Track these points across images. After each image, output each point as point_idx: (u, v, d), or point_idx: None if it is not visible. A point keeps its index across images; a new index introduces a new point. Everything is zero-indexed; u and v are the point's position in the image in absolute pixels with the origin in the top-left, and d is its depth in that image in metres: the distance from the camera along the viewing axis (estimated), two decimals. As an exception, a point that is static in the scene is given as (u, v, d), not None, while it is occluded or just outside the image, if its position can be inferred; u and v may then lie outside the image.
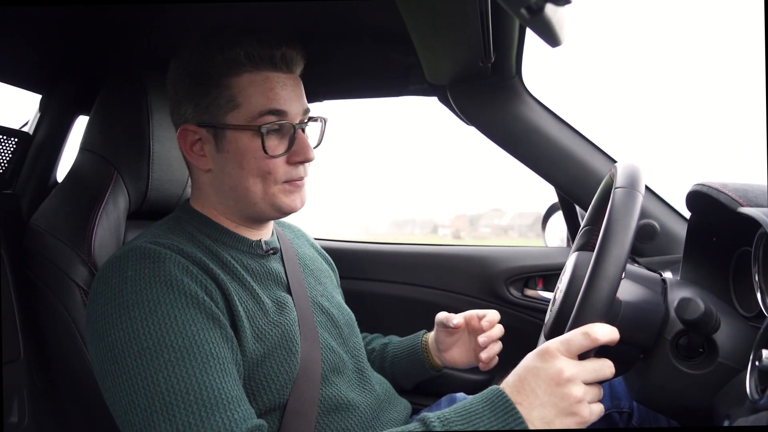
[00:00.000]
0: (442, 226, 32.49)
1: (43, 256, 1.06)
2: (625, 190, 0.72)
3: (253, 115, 0.85)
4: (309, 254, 1.10)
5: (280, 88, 0.86)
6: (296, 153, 0.87)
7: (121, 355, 0.71)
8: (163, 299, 0.74)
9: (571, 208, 1.44)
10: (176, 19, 1.05)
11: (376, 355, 1.18)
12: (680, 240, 1.21)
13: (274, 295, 0.90)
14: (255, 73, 0.85)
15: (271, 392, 0.82)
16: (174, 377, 0.69)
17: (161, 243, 0.81)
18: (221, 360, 0.73)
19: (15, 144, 1.22)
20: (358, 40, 1.15)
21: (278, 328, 0.85)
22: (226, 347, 0.76)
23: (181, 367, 0.70)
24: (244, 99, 0.85)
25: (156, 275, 0.76)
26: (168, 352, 0.71)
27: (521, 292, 1.45)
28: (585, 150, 1.31)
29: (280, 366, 0.83)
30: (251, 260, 0.91)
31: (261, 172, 0.86)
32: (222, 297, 0.80)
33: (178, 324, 0.73)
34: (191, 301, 0.75)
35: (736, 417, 0.66)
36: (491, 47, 1.03)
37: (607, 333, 0.66)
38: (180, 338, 0.72)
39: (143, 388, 0.69)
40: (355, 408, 0.91)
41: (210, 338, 0.74)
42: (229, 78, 0.85)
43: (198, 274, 0.79)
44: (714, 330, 0.73)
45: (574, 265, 0.83)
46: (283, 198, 0.88)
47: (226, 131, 0.86)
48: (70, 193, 1.12)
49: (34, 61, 1.19)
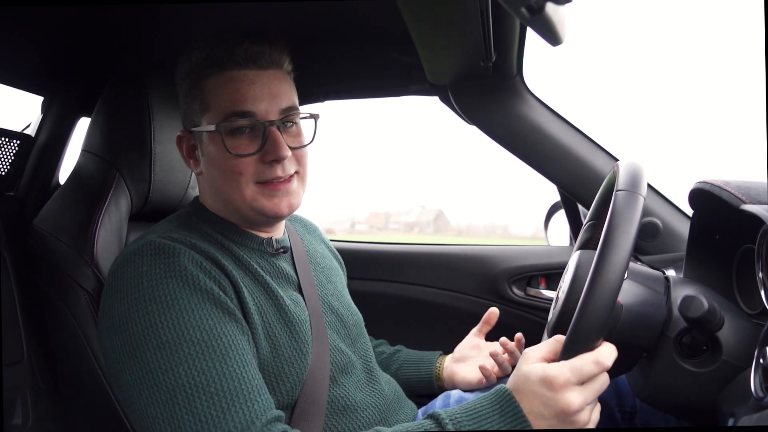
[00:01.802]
0: (358, 223, 33.45)
1: (45, 258, 1.07)
2: (627, 193, 0.72)
3: (220, 118, 0.84)
4: (320, 251, 1.10)
5: (246, 87, 0.84)
6: (268, 152, 0.84)
7: (140, 349, 0.72)
8: (179, 294, 0.75)
9: (573, 207, 1.44)
10: (177, 21, 1.05)
11: (385, 357, 1.19)
12: (683, 238, 1.21)
13: (287, 292, 0.90)
14: (220, 74, 0.85)
15: (280, 393, 0.82)
16: (195, 370, 0.71)
17: (174, 238, 0.81)
18: (240, 351, 0.74)
19: (17, 146, 1.22)
20: (359, 40, 1.15)
21: (289, 327, 0.86)
22: (244, 339, 0.77)
23: (201, 359, 0.71)
24: (211, 101, 0.86)
25: (171, 270, 0.76)
26: (187, 345, 0.72)
27: (524, 291, 1.45)
28: (587, 148, 1.31)
29: (291, 366, 0.83)
30: (261, 258, 0.91)
31: (232, 173, 0.85)
32: (234, 292, 0.81)
33: (195, 318, 0.74)
34: (206, 296, 0.76)
35: (741, 415, 0.66)
36: (492, 47, 1.03)
37: (614, 355, 0.68)
38: (198, 331, 0.73)
39: (164, 381, 0.70)
40: (363, 409, 0.91)
41: (227, 331, 0.75)
42: (200, 82, 0.86)
43: (211, 269, 0.79)
44: (717, 328, 0.73)
45: (576, 263, 0.83)
46: (264, 202, 0.86)
47: (202, 135, 0.88)
48: (72, 195, 1.12)
49: (35, 64, 1.19)
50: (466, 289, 1.48)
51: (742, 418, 0.65)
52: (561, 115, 1.33)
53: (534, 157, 1.33)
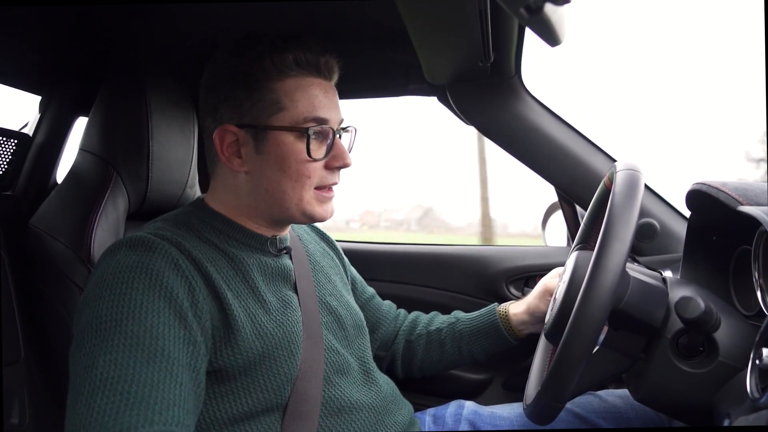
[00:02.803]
0: (352, 221, 34.15)
1: (43, 257, 1.06)
2: (624, 194, 0.72)
3: (297, 120, 0.86)
4: (320, 250, 1.10)
5: (323, 95, 0.89)
6: (335, 158, 0.89)
7: (84, 333, 0.71)
8: (136, 285, 0.73)
9: (570, 208, 1.44)
10: (176, 20, 1.04)
11: (446, 334, 1.17)
12: (680, 239, 1.21)
13: (279, 293, 0.90)
14: (301, 78, 0.87)
15: (267, 391, 0.82)
16: (113, 363, 0.68)
17: (161, 234, 0.81)
18: (170, 360, 0.70)
19: (15, 145, 1.22)
20: (357, 40, 1.15)
21: (280, 327, 0.85)
22: (184, 350, 0.73)
23: (125, 354, 0.68)
24: (289, 102, 0.86)
25: (139, 263, 0.75)
26: (120, 336, 0.69)
27: (521, 292, 1.45)
28: (585, 149, 1.31)
29: (279, 366, 0.83)
30: (263, 257, 0.91)
31: (299, 176, 0.87)
32: (210, 295, 0.79)
33: (141, 312, 0.71)
34: (164, 294, 0.74)
35: (737, 416, 0.66)
36: (490, 47, 1.03)
37: None
38: (137, 326, 0.70)
39: (84, 368, 0.68)
40: (359, 410, 0.90)
41: (168, 335, 0.72)
42: (275, 81, 0.86)
43: (186, 268, 0.78)
44: (714, 329, 0.73)
45: (574, 264, 0.83)
46: (316, 207, 0.89)
47: (267, 133, 0.86)
48: (69, 195, 1.12)
49: (33, 63, 1.19)
50: (464, 289, 1.48)
51: (738, 419, 0.65)
52: (559, 116, 1.33)
53: (532, 157, 1.33)
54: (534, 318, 1.11)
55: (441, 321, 1.20)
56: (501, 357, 1.21)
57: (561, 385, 0.70)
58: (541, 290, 1.10)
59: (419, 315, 1.25)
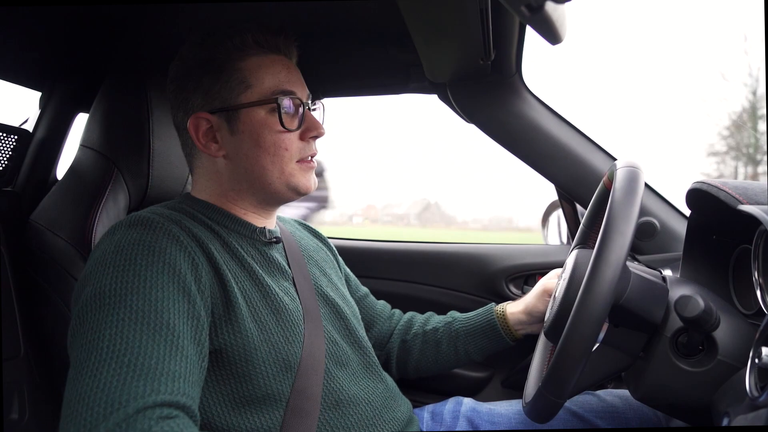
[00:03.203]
0: (356, 215, 34.57)
1: (43, 253, 1.06)
2: (624, 192, 0.72)
3: (266, 94, 0.88)
4: (312, 245, 1.10)
5: (287, 72, 0.91)
6: (309, 129, 0.91)
7: (85, 309, 0.71)
8: (139, 260, 0.73)
9: (570, 206, 1.44)
10: (176, 18, 1.05)
11: (442, 333, 1.17)
12: (680, 238, 1.21)
13: (277, 282, 0.90)
14: (262, 56, 0.90)
15: (267, 378, 0.81)
16: (119, 336, 0.68)
17: (159, 213, 0.82)
18: (176, 333, 0.71)
19: (15, 141, 1.22)
20: (358, 38, 1.15)
21: (277, 314, 0.85)
22: (188, 323, 0.73)
23: (130, 328, 0.68)
24: (255, 80, 0.88)
25: (141, 240, 0.76)
26: (124, 310, 0.69)
27: (521, 290, 1.45)
28: (585, 148, 1.31)
29: (279, 352, 0.83)
30: (251, 247, 0.91)
31: (277, 149, 0.88)
32: (211, 271, 0.79)
33: (144, 286, 0.72)
34: (167, 269, 0.74)
35: (736, 414, 0.66)
36: (491, 45, 1.03)
37: None
38: (140, 300, 0.70)
39: (88, 342, 0.68)
40: (357, 405, 0.90)
41: (172, 309, 0.72)
42: (237, 62, 0.88)
43: (188, 244, 0.78)
44: (713, 328, 0.73)
45: (574, 262, 0.83)
46: (300, 178, 0.91)
47: (240, 112, 0.88)
48: (70, 190, 1.12)
49: (34, 59, 1.19)
50: (463, 287, 1.49)
51: (737, 418, 0.65)
52: (560, 114, 1.33)
53: (532, 155, 1.33)
54: (532, 318, 1.10)
55: (437, 321, 1.20)
56: (500, 355, 1.20)
57: (562, 379, 0.70)
58: (539, 290, 1.10)
59: (414, 315, 1.24)
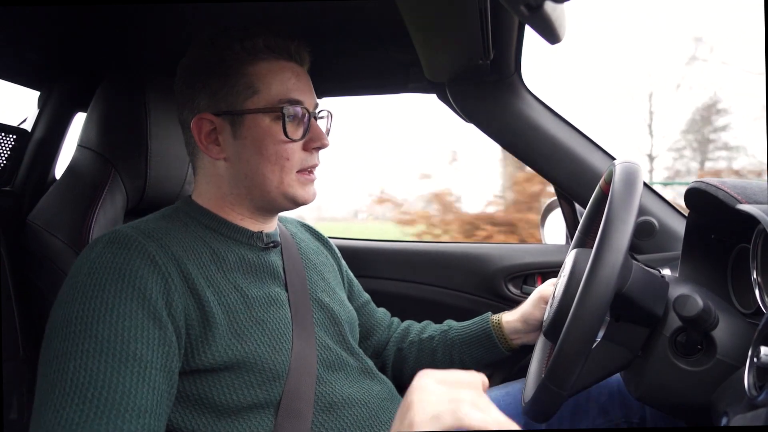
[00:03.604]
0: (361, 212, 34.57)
1: (40, 253, 1.06)
2: (623, 192, 0.72)
3: (272, 102, 0.87)
4: (313, 248, 1.09)
5: (296, 79, 0.89)
6: (313, 139, 0.90)
7: (53, 335, 0.70)
8: (108, 287, 0.72)
9: (569, 205, 1.44)
10: (175, 18, 1.04)
11: (438, 341, 1.16)
12: (679, 237, 1.21)
13: (266, 290, 0.89)
14: (273, 61, 0.88)
15: (254, 388, 0.80)
16: (83, 368, 0.66)
17: (142, 229, 0.80)
18: (143, 363, 0.69)
19: (13, 141, 1.22)
20: (357, 37, 1.15)
21: (261, 325, 0.84)
22: (158, 351, 0.71)
23: (95, 359, 0.67)
24: (263, 86, 0.87)
25: (113, 262, 0.74)
26: (90, 341, 0.68)
27: (520, 290, 1.45)
28: (584, 147, 1.31)
29: (264, 363, 0.82)
30: (249, 252, 0.90)
31: (278, 158, 0.87)
32: (186, 292, 0.78)
33: (112, 315, 0.70)
34: (137, 294, 0.72)
35: (735, 414, 0.66)
36: (490, 44, 1.03)
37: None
38: (107, 330, 0.69)
39: (53, 372, 0.67)
40: (351, 406, 0.89)
41: (140, 337, 0.70)
42: (247, 66, 0.87)
43: (163, 265, 0.76)
44: (712, 327, 0.73)
45: (573, 262, 0.83)
46: (298, 189, 0.90)
47: (244, 117, 0.87)
48: (67, 191, 1.12)
49: (32, 59, 1.19)
50: (462, 287, 1.48)
51: (735, 417, 0.65)
52: (559, 114, 1.33)
53: (531, 155, 1.33)
54: (528, 326, 1.09)
55: (433, 329, 1.19)
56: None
57: (566, 368, 0.69)
58: (536, 297, 1.08)
59: (412, 323, 1.23)
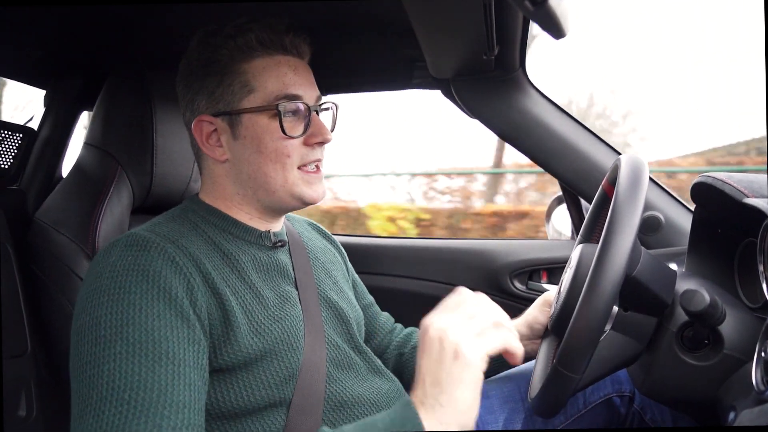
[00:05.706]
0: None
1: (48, 251, 1.07)
2: (629, 187, 0.72)
3: (268, 99, 0.85)
4: (321, 246, 1.09)
5: (293, 73, 0.87)
6: (314, 134, 0.88)
7: (82, 340, 0.70)
8: (134, 288, 0.72)
9: (575, 201, 1.44)
10: (180, 15, 1.05)
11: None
12: (685, 232, 1.21)
13: (278, 289, 0.89)
14: (267, 57, 0.86)
15: (270, 388, 0.81)
16: (118, 371, 0.67)
17: (157, 232, 0.80)
18: (177, 361, 0.70)
19: (20, 139, 1.23)
20: (361, 33, 1.15)
21: (279, 323, 0.84)
22: (190, 349, 0.72)
23: (129, 361, 0.67)
24: (258, 83, 0.85)
25: (135, 264, 0.74)
26: (121, 343, 0.68)
27: (525, 285, 1.45)
28: (589, 143, 1.31)
29: (281, 361, 0.82)
30: (258, 251, 0.90)
31: (278, 155, 0.86)
32: (208, 292, 0.78)
33: (141, 316, 0.70)
34: (163, 295, 0.73)
35: (742, 408, 0.66)
36: (495, 40, 1.03)
37: None
38: (138, 331, 0.69)
39: (88, 378, 0.68)
40: (361, 405, 0.89)
41: (171, 336, 0.71)
42: (241, 64, 0.85)
43: (184, 266, 0.77)
44: (719, 321, 0.73)
45: (578, 257, 0.83)
46: (304, 188, 0.88)
47: (242, 116, 0.86)
48: (74, 189, 1.12)
49: (38, 57, 1.19)
50: (468, 283, 1.47)
51: (742, 412, 0.65)
52: (563, 109, 1.32)
53: (536, 151, 1.32)
54: (531, 332, 1.07)
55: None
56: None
57: (578, 350, 0.68)
58: (541, 302, 1.07)
59: (414, 330, 1.22)
